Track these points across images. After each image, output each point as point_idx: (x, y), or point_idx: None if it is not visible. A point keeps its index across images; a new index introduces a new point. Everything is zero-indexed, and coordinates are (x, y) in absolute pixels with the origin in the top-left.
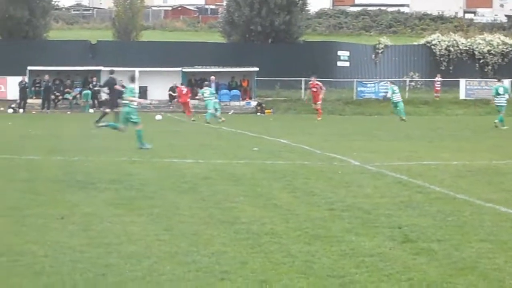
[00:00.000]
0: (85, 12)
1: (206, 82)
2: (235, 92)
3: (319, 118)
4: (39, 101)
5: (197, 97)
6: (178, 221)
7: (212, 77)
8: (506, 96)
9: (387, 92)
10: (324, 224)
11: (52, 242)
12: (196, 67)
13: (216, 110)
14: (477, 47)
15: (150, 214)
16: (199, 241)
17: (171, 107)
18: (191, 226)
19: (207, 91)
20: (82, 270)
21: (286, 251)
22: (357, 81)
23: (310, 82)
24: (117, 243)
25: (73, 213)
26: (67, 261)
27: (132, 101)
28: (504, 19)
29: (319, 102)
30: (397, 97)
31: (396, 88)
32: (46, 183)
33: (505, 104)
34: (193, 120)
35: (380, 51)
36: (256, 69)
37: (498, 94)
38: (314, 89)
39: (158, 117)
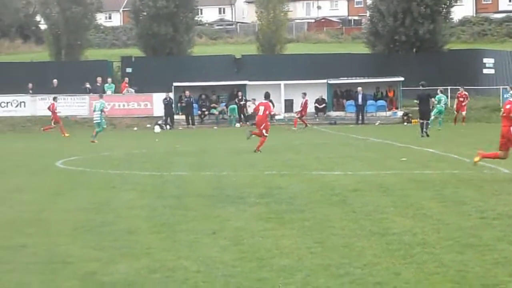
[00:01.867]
0: (228, 27)
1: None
2: (381, 102)
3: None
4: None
5: None
6: (329, 233)
7: (359, 88)
8: None
9: None
10: (475, 232)
11: (204, 257)
12: (342, 78)
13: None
14: None
15: (301, 227)
16: (351, 253)
17: (317, 119)
18: (343, 238)
19: None
20: (235, 284)
21: (438, 261)
22: (502, 88)
23: (458, 93)
24: (269, 257)
25: (224, 228)
26: (220, 276)
27: None
28: None
29: (464, 112)
30: None
31: None
32: (196, 199)
33: None
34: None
35: None
36: (401, 79)
37: None
38: (461, 99)
39: (157, 128)
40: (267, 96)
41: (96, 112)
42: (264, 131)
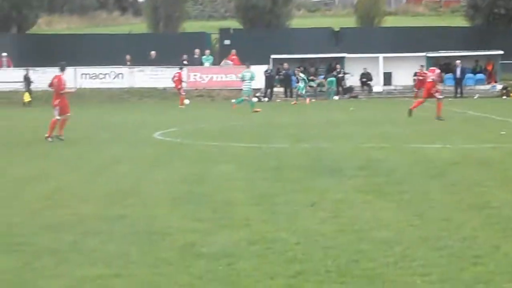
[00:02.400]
0: None
1: None
2: (480, 76)
3: None
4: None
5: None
6: (428, 206)
7: (458, 61)
8: None
9: None
10: None
11: (303, 229)
12: (440, 52)
13: None
14: None
15: (400, 200)
16: (450, 226)
17: (414, 93)
18: (442, 211)
19: None
20: (334, 256)
21: None
22: None
23: None
24: (368, 229)
25: (323, 200)
26: (319, 248)
27: None
28: None
29: None
30: None
31: None
32: (295, 171)
33: None
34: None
35: None
36: (501, 52)
37: None
38: None
39: (187, 101)
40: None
41: (246, 81)
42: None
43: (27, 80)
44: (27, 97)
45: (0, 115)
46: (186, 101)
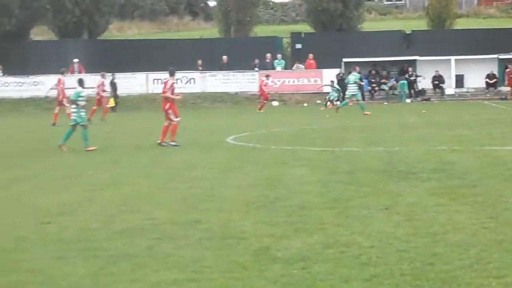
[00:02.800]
0: (397, 2)
1: None
2: None
3: None
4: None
5: None
6: (502, 208)
7: None
8: None
9: None
10: None
11: (377, 233)
12: None
13: None
14: None
15: (474, 203)
16: None
17: (488, 95)
18: None
19: None
20: (409, 259)
21: None
22: None
23: None
24: (443, 232)
25: (397, 203)
26: (394, 251)
27: None
28: None
29: None
30: None
31: None
32: (368, 174)
33: None
34: None
35: None
36: None
37: None
38: None
39: (275, 103)
40: None
41: (351, 85)
42: None
43: (113, 85)
44: (112, 103)
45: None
46: (275, 103)
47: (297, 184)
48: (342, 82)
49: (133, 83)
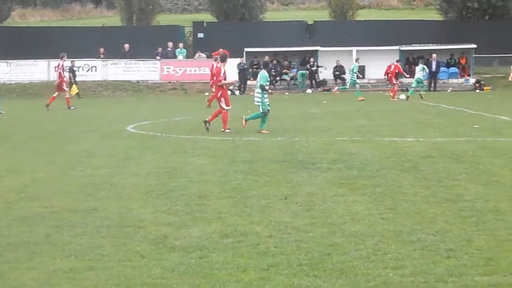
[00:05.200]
0: None
1: None
2: (453, 69)
3: None
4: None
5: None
6: (401, 200)
7: (434, 55)
8: None
9: None
10: None
11: (275, 223)
12: (414, 45)
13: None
14: None
15: (372, 193)
16: (423, 219)
17: (388, 86)
18: (414, 204)
19: None
20: (307, 249)
21: (510, 228)
22: None
23: None
24: (341, 223)
25: (296, 193)
26: (291, 241)
27: None
28: None
29: None
30: None
31: None
32: (268, 164)
33: None
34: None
35: None
36: (474, 46)
37: None
38: None
39: (402, 96)
40: None
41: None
42: None
43: (73, 72)
44: (75, 89)
45: None
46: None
47: (196, 173)
48: (243, 72)
49: (34, 70)
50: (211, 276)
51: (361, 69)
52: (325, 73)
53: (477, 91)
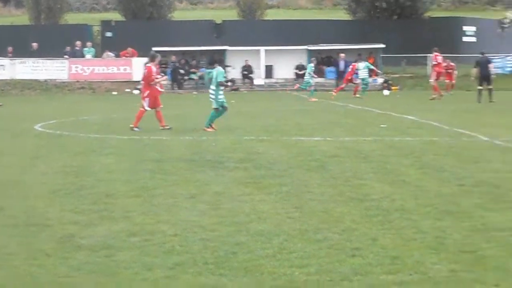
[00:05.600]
0: None
1: None
2: None
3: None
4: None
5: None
6: (307, 199)
7: (342, 55)
8: None
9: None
10: (453, 199)
11: (182, 221)
12: (322, 45)
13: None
14: None
15: (279, 192)
16: (329, 218)
17: (296, 85)
18: (321, 203)
19: None
20: (213, 248)
21: (416, 227)
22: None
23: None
24: (247, 222)
25: (203, 192)
26: (198, 240)
27: None
28: None
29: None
30: None
31: None
32: (176, 163)
33: None
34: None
35: (506, 26)
36: (382, 46)
37: None
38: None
39: (386, 92)
40: None
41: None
42: None
43: None
44: None
45: None
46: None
47: (104, 172)
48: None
49: None
50: (117, 275)
51: (269, 69)
52: (233, 72)
53: (385, 91)
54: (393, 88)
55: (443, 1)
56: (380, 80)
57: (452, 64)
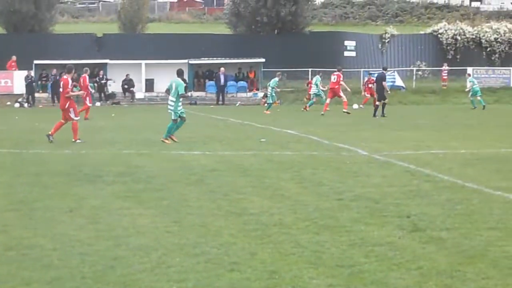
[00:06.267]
0: (90, 5)
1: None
2: (242, 83)
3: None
4: (46, 94)
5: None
6: (186, 213)
7: (222, 69)
8: None
9: (394, 81)
10: (332, 214)
11: (60, 235)
12: (203, 59)
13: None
14: (483, 35)
15: (158, 207)
16: (207, 232)
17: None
18: (200, 217)
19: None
20: (91, 262)
21: (295, 242)
22: (364, 71)
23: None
24: (126, 236)
25: (81, 206)
26: (76, 254)
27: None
28: (511, 7)
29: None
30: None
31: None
32: (54, 177)
33: None
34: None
35: (386, 41)
36: (263, 60)
37: None
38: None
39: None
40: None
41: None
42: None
43: None
44: None
45: None
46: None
47: None
48: (31, 85)
49: None
50: None
51: (150, 83)
52: (114, 86)
53: (266, 105)
54: (275, 103)
55: (324, 16)
56: (260, 94)
57: (373, 78)
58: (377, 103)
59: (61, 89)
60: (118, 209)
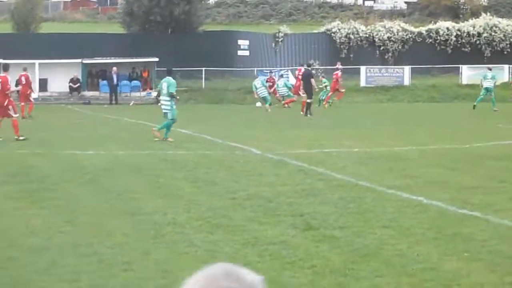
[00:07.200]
0: None
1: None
2: (136, 83)
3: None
4: None
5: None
6: (79, 212)
7: (114, 68)
8: None
9: (288, 80)
10: (226, 213)
11: None
12: (96, 58)
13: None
14: (377, 34)
15: (52, 206)
16: (101, 232)
17: (71, 99)
18: (93, 217)
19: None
20: None
21: (188, 241)
22: (257, 70)
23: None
24: (18, 236)
25: None
26: None
27: None
28: (404, 6)
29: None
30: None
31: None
32: None
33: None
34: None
35: (280, 40)
36: (156, 59)
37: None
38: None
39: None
40: None
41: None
42: None
43: None
44: None
45: None
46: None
47: None
48: None
49: None
50: None
51: (43, 82)
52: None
53: (159, 104)
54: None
55: (217, 16)
56: (154, 93)
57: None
58: (308, 100)
59: None
60: (11, 210)
